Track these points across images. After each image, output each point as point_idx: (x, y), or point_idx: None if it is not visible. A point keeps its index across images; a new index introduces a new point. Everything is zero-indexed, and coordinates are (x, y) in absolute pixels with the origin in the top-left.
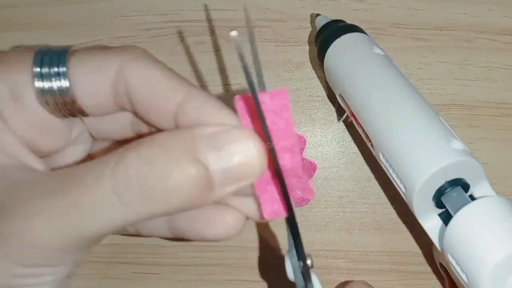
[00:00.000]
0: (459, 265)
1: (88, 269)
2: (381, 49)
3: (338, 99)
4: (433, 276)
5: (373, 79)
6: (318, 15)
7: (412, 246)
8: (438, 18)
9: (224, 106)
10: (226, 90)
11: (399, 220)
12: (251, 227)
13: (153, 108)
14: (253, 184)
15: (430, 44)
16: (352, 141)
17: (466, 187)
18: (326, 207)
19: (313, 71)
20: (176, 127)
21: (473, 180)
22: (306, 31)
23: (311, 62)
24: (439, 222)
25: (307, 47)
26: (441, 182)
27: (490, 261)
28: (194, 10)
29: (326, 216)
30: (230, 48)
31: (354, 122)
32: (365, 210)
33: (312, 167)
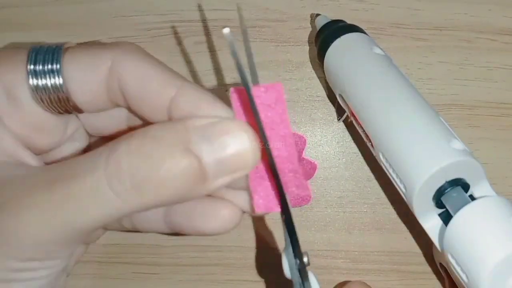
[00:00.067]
0: (459, 265)
1: (88, 269)
2: (381, 49)
3: (338, 99)
4: (433, 276)
5: (373, 79)
6: (318, 15)
7: (412, 246)
8: (438, 18)
9: (217, 99)
10: (226, 90)
11: (399, 220)
12: (252, 227)
13: (146, 103)
14: (248, 177)
15: (430, 44)
16: (352, 141)
17: (466, 187)
18: (326, 207)
19: (313, 71)
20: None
21: (473, 180)
22: (306, 31)
23: (311, 62)
24: (439, 222)
25: (307, 47)
26: (441, 182)
27: (490, 261)
28: (194, 10)
29: (326, 216)
30: None
31: (354, 122)
32: (365, 210)
33: (312, 167)
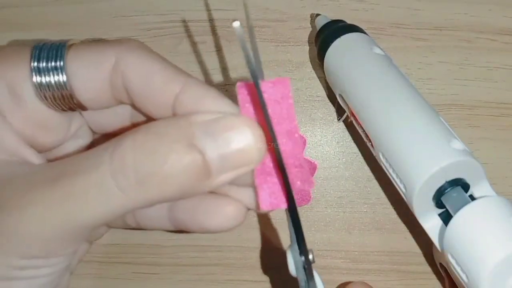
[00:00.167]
0: (459, 265)
1: (88, 269)
2: (381, 49)
3: (338, 99)
4: (433, 276)
5: (373, 79)
6: (318, 15)
7: (412, 246)
8: (438, 18)
9: (222, 95)
10: (226, 90)
11: (399, 220)
12: (252, 227)
13: (150, 99)
14: (252, 173)
15: (430, 44)
16: (352, 141)
17: (466, 187)
18: (326, 207)
19: (313, 71)
20: None
21: (473, 180)
22: (306, 31)
23: (311, 62)
24: (439, 222)
25: (307, 47)
26: (441, 182)
27: (490, 261)
28: (194, 10)
29: (326, 216)
30: (231, 48)
31: (354, 122)
32: (365, 210)
33: (312, 167)
